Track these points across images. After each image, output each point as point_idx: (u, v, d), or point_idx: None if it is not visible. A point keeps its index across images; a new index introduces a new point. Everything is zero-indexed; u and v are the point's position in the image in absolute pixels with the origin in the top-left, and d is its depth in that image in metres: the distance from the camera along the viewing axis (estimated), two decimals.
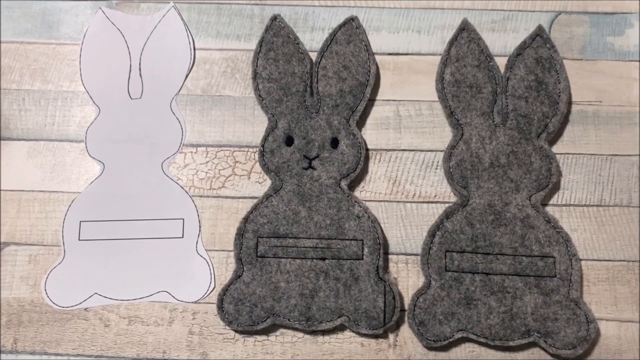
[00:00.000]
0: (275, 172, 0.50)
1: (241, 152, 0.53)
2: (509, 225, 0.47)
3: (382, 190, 0.53)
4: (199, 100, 0.52)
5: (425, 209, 0.51)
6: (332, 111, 0.50)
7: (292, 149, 0.49)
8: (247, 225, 0.51)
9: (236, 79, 0.56)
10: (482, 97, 0.51)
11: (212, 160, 0.53)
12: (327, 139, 0.49)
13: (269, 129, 0.52)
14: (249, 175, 0.52)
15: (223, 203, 0.53)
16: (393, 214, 0.52)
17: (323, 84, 0.50)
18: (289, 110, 0.50)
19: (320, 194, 0.51)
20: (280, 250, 0.50)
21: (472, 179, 0.49)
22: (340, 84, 0.50)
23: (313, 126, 0.50)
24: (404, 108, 0.53)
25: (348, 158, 0.51)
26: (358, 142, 0.49)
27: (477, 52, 0.53)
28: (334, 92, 0.50)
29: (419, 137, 0.54)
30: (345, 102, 0.50)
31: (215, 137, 0.52)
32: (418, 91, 0.52)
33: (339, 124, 0.50)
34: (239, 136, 0.52)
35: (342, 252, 0.48)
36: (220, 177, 0.53)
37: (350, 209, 0.50)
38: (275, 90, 0.51)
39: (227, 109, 0.52)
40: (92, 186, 0.50)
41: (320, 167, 0.49)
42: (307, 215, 0.51)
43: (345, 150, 0.50)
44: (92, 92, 0.53)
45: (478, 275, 0.46)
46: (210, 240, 0.50)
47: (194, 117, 0.52)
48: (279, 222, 0.50)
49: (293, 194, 0.51)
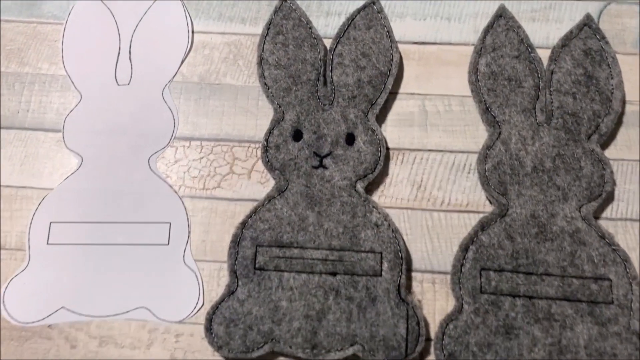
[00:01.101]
0: (280, 171, 0.42)
1: (241, 148, 0.46)
2: (555, 241, 0.41)
3: (404, 196, 0.46)
4: (196, 89, 0.46)
5: (455, 219, 0.44)
6: (348, 103, 0.42)
7: (301, 144, 0.42)
8: (245, 231, 0.43)
9: (239, 66, 0.49)
10: (522, 92, 0.44)
11: (207, 156, 0.45)
12: (342, 134, 0.42)
13: (275, 121, 0.44)
14: (249, 175, 0.45)
15: (218, 205, 0.46)
16: (417, 223, 0.44)
17: (338, 72, 0.43)
18: (298, 100, 0.43)
19: (332, 197, 0.43)
20: (283, 263, 0.42)
21: (512, 185, 0.42)
22: (358, 73, 0.43)
23: (326, 119, 0.43)
24: (431, 103, 0.46)
25: (365, 157, 0.43)
26: (377, 139, 0.42)
27: (516, 42, 0.47)
28: (351, 82, 0.43)
29: (448, 136, 0.47)
30: (364, 93, 0.43)
31: (212, 129, 0.45)
32: (447, 84, 0.46)
33: (355, 117, 0.42)
34: (239, 129, 0.45)
35: (357, 266, 0.41)
36: (216, 175, 0.45)
37: (368, 215, 0.43)
38: (283, 77, 0.44)
39: (228, 99, 0.45)
40: (67, 182, 0.44)
41: (333, 166, 0.42)
42: (316, 222, 0.43)
43: (363, 147, 0.42)
44: (74, 76, 0.47)
45: (519, 298, 0.41)
46: (200, 249, 0.43)
47: (189, 107, 0.45)
48: (283, 229, 0.43)
49: (300, 196, 0.43)
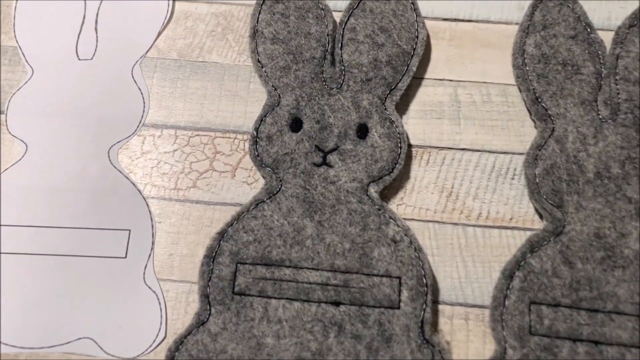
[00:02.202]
0: (272, 168, 0.33)
1: (225, 139, 0.37)
2: (628, 268, 0.35)
3: (430, 206, 0.36)
4: (173, 67, 0.37)
5: (496, 237, 0.34)
6: (360, 87, 0.33)
7: (300, 136, 0.32)
8: (223, 244, 0.33)
9: (228, 41, 0.40)
10: (580, 80, 0.35)
11: (182, 149, 0.36)
12: (352, 124, 0.32)
13: (268, 107, 0.35)
14: (233, 172, 0.35)
15: (192, 210, 0.36)
16: (447, 241, 0.34)
17: (350, 49, 0.34)
18: (298, 82, 0.34)
19: (337, 203, 0.33)
20: (271, 286, 0.32)
21: (570, 195, 0.33)
22: (375, 51, 0.34)
23: (332, 106, 0.33)
24: (465, 91, 0.37)
25: (381, 154, 0.33)
26: (397, 133, 0.32)
27: (571, 19, 0.37)
28: (365, 62, 0.34)
29: (486, 132, 0.37)
30: (381, 75, 0.33)
31: (191, 116, 0.35)
32: (485, 69, 0.36)
33: (370, 105, 0.33)
34: (224, 117, 0.35)
35: (367, 294, 0.31)
36: (192, 172, 0.36)
37: (383, 228, 0.33)
38: (282, 54, 0.35)
39: (212, 80, 0.36)
40: (5, 175, 0.34)
41: (340, 165, 0.32)
42: (316, 234, 0.33)
43: (378, 142, 0.33)
44: (25, 48, 0.38)
45: (582, 344, 0.34)
46: (166, 265, 0.33)
47: (164, 88, 0.36)
48: (272, 243, 0.33)
49: (297, 200, 0.33)
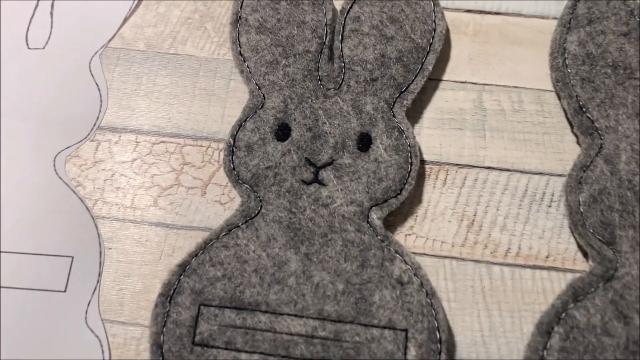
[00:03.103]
0: (250, 186, 0.26)
1: (196, 148, 0.30)
2: None
3: (447, 237, 0.29)
4: (139, 59, 0.30)
5: (529, 280, 0.27)
6: (364, 88, 0.27)
7: (287, 146, 0.25)
8: (185, 279, 0.26)
9: (206, 31, 0.33)
10: (635, 86, 0.30)
11: (143, 158, 0.29)
12: (352, 133, 0.26)
13: (250, 109, 0.28)
14: (204, 189, 0.28)
15: (150, 235, 0.29)
16: (467, 283, 0.27)
17: (352, 42, 0.28)
18: (288, 80, 0.27)
19: (330, 231, 0.26)
20: (241, 337, 0.25)
21: (623, 230, 0.28)
22: (383, 45, 0.28)
23: (328, 110, 0.27)
24: (492, 97, 0.30)
25: (387, 171, 0.27)
26: (407, 145, 0.26)
27: (623, 14, 0.31)
28: (371, 58, 0.28)
29: (517, 147, 0.30)
30: (389, 75, 0.27)
31: (156, 118, 0.29)
32: (516, 71, 0.30)
33: (374, 110, 0.26)
34: (196, 121, 0.29)
35: (365, 351, 0.24)
36: (153, 187, 0.29)
37: (387, 265, 0.25)
38: (269, 46, 0.28)
39: (185, 76, 0.29)
40: None
41: (335, 183, 0.25)
42: (302, 271, 0.26)
43: (383, 156, 0.26)
44: None
45: None
46: (115, 303, 0.27)
47: (126, 84, 0.29)
48: (246, 280, 0.26)
49: (279, 227, 0.26)
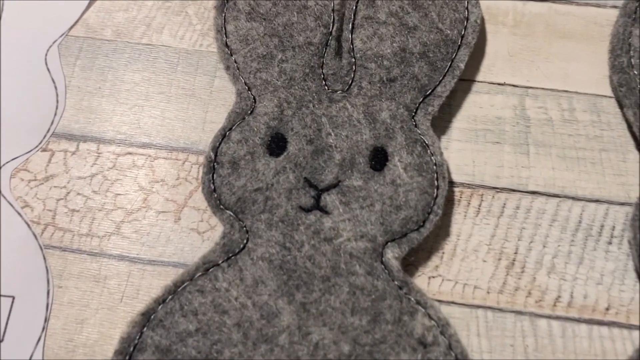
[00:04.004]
0: (235, 212, 0.20)
1: (170, 162, 0.24)
2: None
3: (482, 282, 0.23)
4: (106, 51, 0.25)
5: (584, 337, 0.22)
6: (379, 91, 0.21)
7: (282, 162, 0.21)
8: (148, 333, 0.21)
9: (187, 17, 0.27)
10: None
11: (104, 173, 0.24)
12: (364, 148, 0.21)
13: (237, 115, 0.23)
14: (178, 214, 0.23)
15: (110, 271, 0.23)
16: (506, 341, 0.22)
17: (366, 33, 0.24)
18: (284, 79, 0.22)
19: (334, 274, 0.21)
20: None
21: None
22: (403, 36, 0.23)
23: (334, 118, 0.21)
24: (537, 103, 0.25)
25: (407, 196, 0.21)
26: (432, 164, 0.21)
27: None
28: (388, 53, 0.23)
29: (569, 167, 0.24)
30: (411, 73, 0.23)
31: (123, 124, 0.24)
32: (567, 71, 0.26)
33: (392, 118, 0.21)
34: (172, 127, 0.24)
35: None
36: (116, 210, 0.23)
37: (406, 320, 0.20)
38: (261, 36, 0.23)
39: (160, 72, 0.24)
40: None
41: (341, 211, 0.20)
42: (297, 326, 0.20)
43: (403, 177, 0.21)
44: None
45: None
46: (64, 356, 0.22)
47: (88, 81, 0.25)
48: (225, 336, 0.20)
49: (269, 267, 0.21)
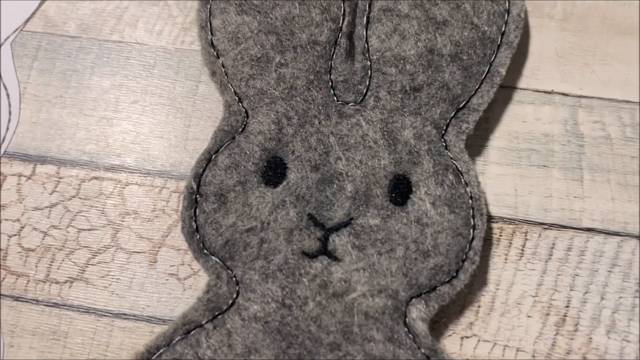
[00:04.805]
0: (222, 259, 0.16)
1: (145, 189, 0.20)
2: None
3: (525, 343, 0.19)
4: (68, 49, 0.22)
5: None
6: (401, 103, 0.17)
7: (281, 195, 0.18)
8: None
9: (167, 7, 0.23)
10: None
11: (65, 203, 0.20)
12: (381, 176, 0.17)
13: (224, 133, 0.19)
14: (153, 255, 0.19)
15: (71, 326, 0.19)
16: None
17: (383, 30, 0.21)
18: (283, 88, 0.18)
19: (345, 339, 0.17)
20: None
21: None
22: (430, 34, 0.20)
23: (345, 138, 0.18)
24: (592, 117, 0.21)
25: (436, 239, 0.17)
26: (467, 197, 0.17)
27: None
28: (412, 54, 0.19)
29: (632, 197, 0.20)
30: (440, 81, 0.19)
31: (88, 142, 0.20)
32: (628, 77, 0.22)
33: (416, 138, 0.17)
34: (147, 146, 0.21)
35: None
36: (80, 250, 0.19)
37: None
38: (255, 34, 0.19)
39: (133, 76, 0.21)
40: None
41: (354, 257, 0.17)
42: None
43: (430, 214, 0.17)
44: None
45: None
46: None
47: (47, 87, 0.22)
48: None
49: (264, 331, 0.17)
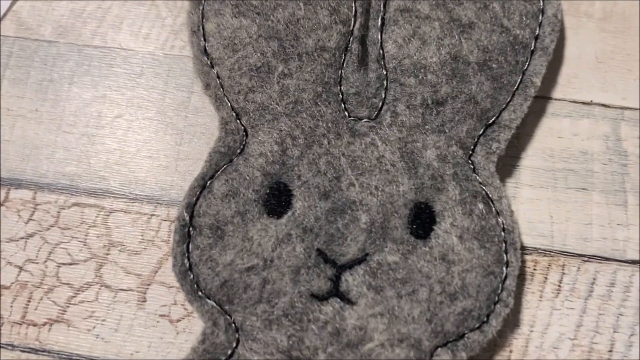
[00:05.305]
0: (219, 303, 0.15)
1: (131, 216, 0.18)
2: None
3: None
4: (44, 56, 0.20)
5: None
6: (422, 119, 0.15)
7: (287, 227, 0.17)
8: None
9: (154, 7, 0.20)
10: None
11: (43, 233, 0.18)
12: (400, 205, 0.15)
13: (220, 155, 0.17)
14: (142, 293, 0.16)
15: None
16: None
17: (400, 34, 0.19)
18: (288, 103, 0.17)
19: None
20: None
21: None
22: (454, 40, 0.18)
23: (358, 161, 0.16)
24: (637, 131, 0.18)
25: (464, 279, 0.16)
26: (497, 230, 0.17)
27: None
28: (433, 62, 0.17)
29: None
30: (467, 93, 0.17)
31: (67, 163, 0.19)
32: None
33: (440, 160, 0.15)
34: (133, 167, 0.18)
35: None
36: (60, 287, 0.17)
37: None
38: (254, 39, 0.16)
39: (116, 87, 0.18)
40: None
41: (370, 300, 0.17)
42: None
43: (457, 249, 0.16)
44: None
45: None
46: None
47: (21, 100, 0.20)
48: None
49: None
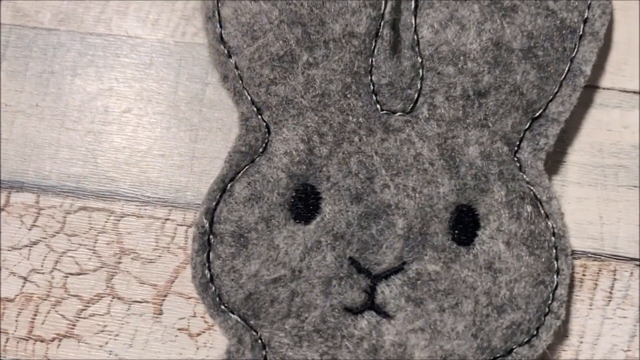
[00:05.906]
0: (244, 317, 0.15)
1: (144, 221, 0.17)
2: None
3: None
4: (44, 45, 0.20)
5: None
6: (462, 112, 0.14)
7: (316, 233, 0.17)
8: None
9: None
10: None
11: (48, 241, 0.18)
12: (440, 207, 0.17)
13: (241, 155, 0.16)
14: (158, 305, 0.15)
15: None
16: None
17: (436, 18, 0.19)
18: (314, 96, 0.16)
19: None
20: None
21: None
22: (495, 24, 0.17)
23: (392, 159, 0.17)
24: None
25: (512, 289, 0.16)
26: (547, 235, 0.18)
27: None
28: (474, 49, 0.17)
29: None
30: (511, 84, 0.17)
31: (73, 164, 0.19)
32: None
33: (484, 158, 0.15)
34: (144, 168, 0.17)
35: None
36: (68, 300, 0.16)
37: None
38: (276, 25, 0.14)
39: (124, 80, 0.18)
40: None
41: (409, 313, 0.16)
42: None
43: (504, 256, 0.17)
44: None
45: None
46: None
47: (20, 94, 0.19)
48: None
49: None
